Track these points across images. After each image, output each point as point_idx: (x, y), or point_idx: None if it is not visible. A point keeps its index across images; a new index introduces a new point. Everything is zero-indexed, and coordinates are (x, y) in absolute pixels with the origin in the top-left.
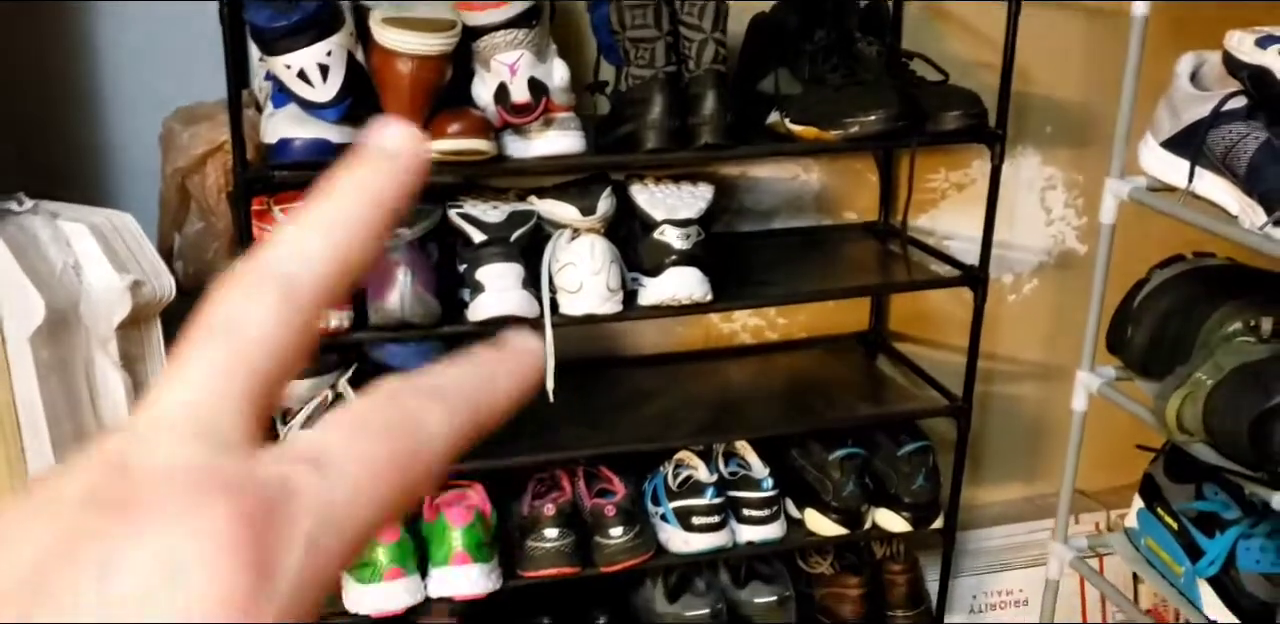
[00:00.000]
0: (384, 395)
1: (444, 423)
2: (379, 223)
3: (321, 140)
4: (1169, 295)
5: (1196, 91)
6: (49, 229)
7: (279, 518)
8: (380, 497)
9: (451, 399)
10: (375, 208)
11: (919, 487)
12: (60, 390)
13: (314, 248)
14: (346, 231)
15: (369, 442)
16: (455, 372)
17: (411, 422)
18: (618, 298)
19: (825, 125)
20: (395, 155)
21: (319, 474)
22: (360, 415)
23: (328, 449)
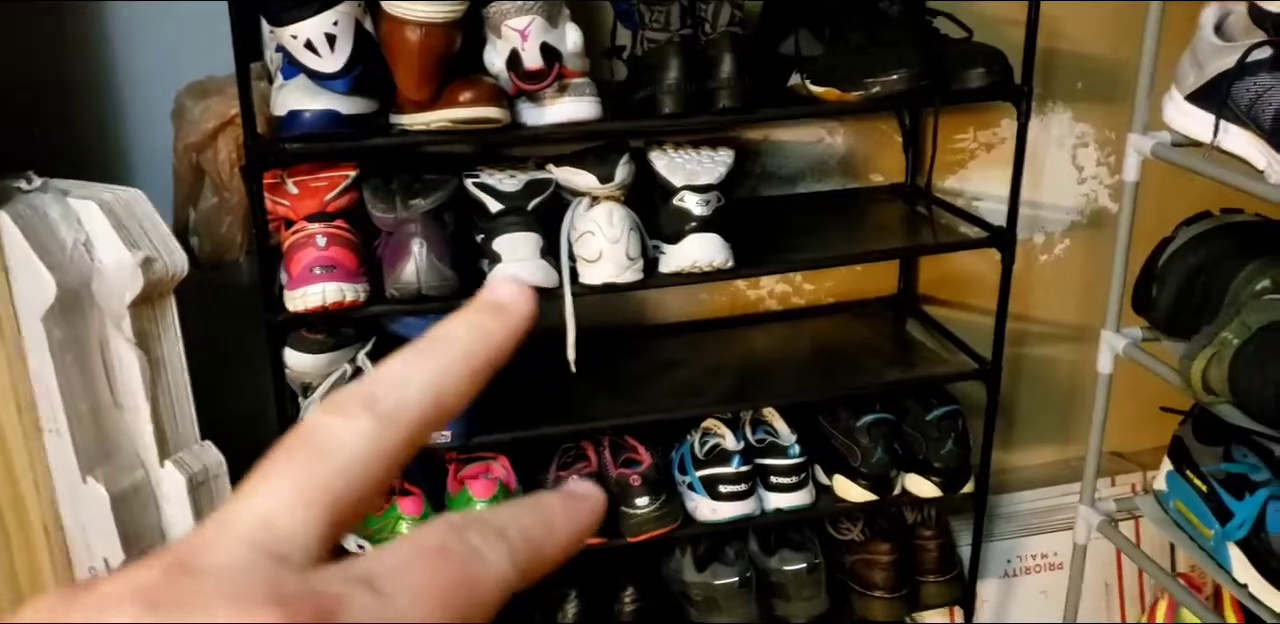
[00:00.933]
0: (447, 526)
1: (502, 560)
2: (478, 370)
3: (331, 111)
4: (1195, 253)
5: (1221, 42)
6: (59, 207)
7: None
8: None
9: (512, 538)
10: (476, 356)
11: (949, 451)
12: (75, 369)
13: (415, 384)
14: (447, 373)
15: (426, 569)
16: (518, 512)
17: (471, 555)
18: (638, 266)
19: (846, 86)
20: (504, 308)
21: (373, 596)
22: (421, 543)
23: (385, 572)
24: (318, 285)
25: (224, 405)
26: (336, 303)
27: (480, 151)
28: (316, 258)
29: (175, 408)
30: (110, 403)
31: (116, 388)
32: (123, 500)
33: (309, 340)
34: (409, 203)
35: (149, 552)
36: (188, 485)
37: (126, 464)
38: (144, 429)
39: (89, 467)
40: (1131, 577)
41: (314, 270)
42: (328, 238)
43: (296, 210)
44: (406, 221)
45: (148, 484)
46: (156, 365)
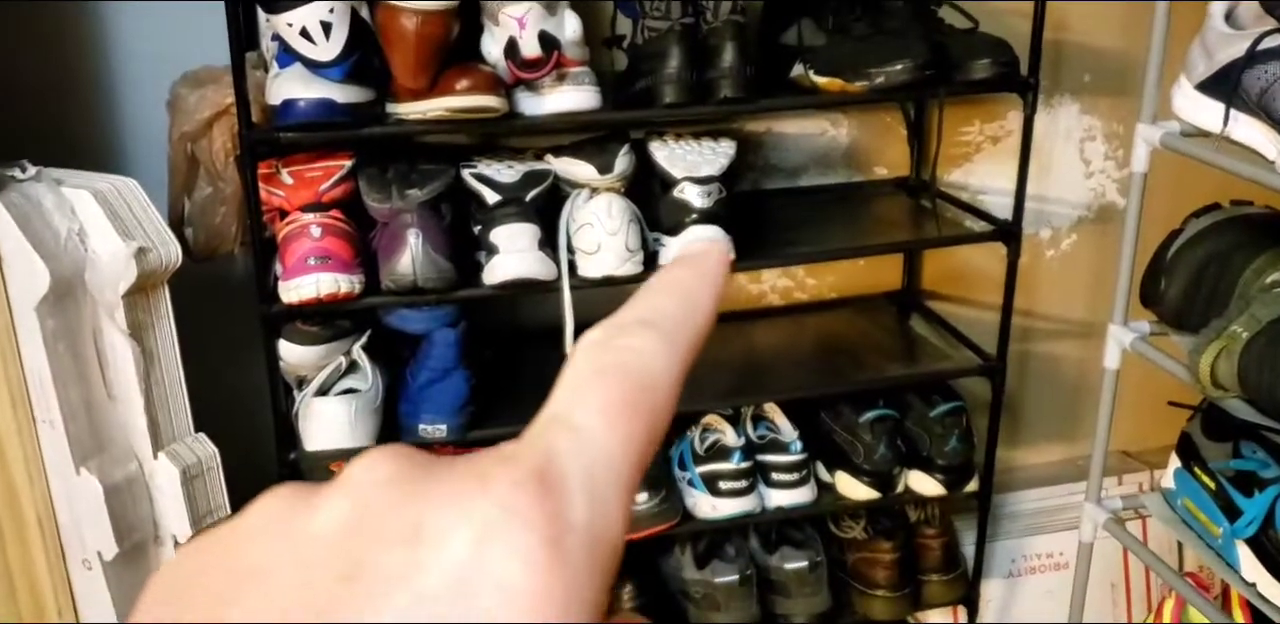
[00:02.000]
0: (591, 345)
1: (659, 347)
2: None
3: (327, 100)
4: (1204, 245)
5: (1231, 31)
6: (53, 196)
7: (552, 478)
8: (631, 433)
9: (658, 322)
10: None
11: (952, 448)
12: (69, 359)
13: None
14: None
15: (599, 390)
16: (649, 296)
17: (629, 357)
18: (638, 258)
19: (850, 76)
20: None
21: (569, 431)
22: (579, 370)
23: (566, 409)
24: (312, 276)
25: (218, 397)
26: (331, 294)
27: (478, 142)
28: (311, 248)
29: (169, 400)
30: (104, 394)
31: (110, 379)
32: (116, 492)
33: (304, 332)
34: (405, 193)
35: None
36: (181, 477)
37: (120, 456)
38: (137, 421)
39: (82, 458)
40: (1138, 577)
41: (309, 261)
42: (323, 228)
43: (291, 200)
44: (402, 212)
45: (141, 476)
46: (150, 357)
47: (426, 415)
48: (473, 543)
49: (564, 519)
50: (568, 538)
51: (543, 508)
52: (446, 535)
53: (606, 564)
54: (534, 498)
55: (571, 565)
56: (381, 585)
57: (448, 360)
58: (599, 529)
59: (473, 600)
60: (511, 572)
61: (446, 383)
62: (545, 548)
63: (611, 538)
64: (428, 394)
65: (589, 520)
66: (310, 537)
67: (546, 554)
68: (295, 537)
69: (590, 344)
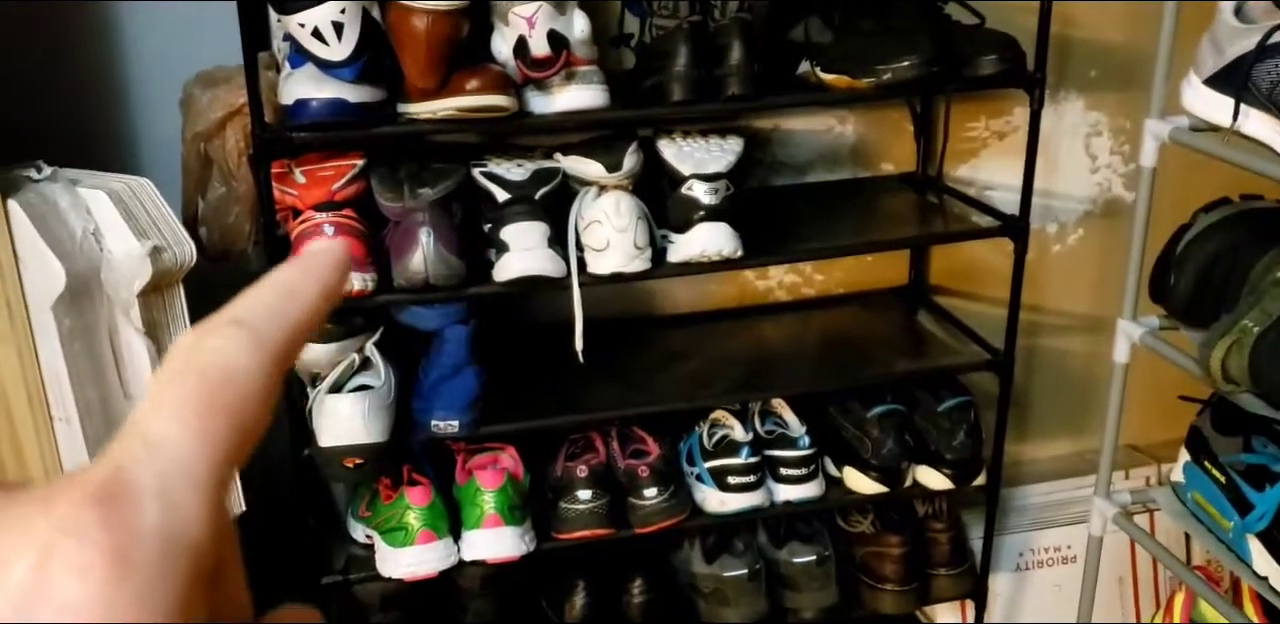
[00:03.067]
0: (176, 349)
1: (244, 345)
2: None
3: (339, 100)
4: (1214, 239)
5: (1241, 25)
6: (68, 196)
7: (115, 490)
8: (208, 431)
9: (248, 319)
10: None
11: (960, 443)
12: (85, 357)
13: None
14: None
15: (173, 393)
16: (251, 293)
17: (209, 358)
18: (646, 255)
19: (857, 73)
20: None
21: (141, 441)
22: (159, 378)
23: (142, 417)
24: None
25: None
26: (344, 292)
27: (488, 141)
28: None
29: None
30: (120, 393)
31: (125, 377)
32: None
33: None
34: (416, 192)
35: None
36: None
37: None
38: None
39: (98, 455)
40: (1146, 571)
41: None
42: (335, 227)
43: (304, 199)
44: (414, 211)
45: None
46: (165, 354)
47: (439, 411)
48: (33, 567)
49: (128, 528)
50: (134, 545)
51: (103, 521)
52: (10, 563)
53: (189, 563)
54: (94, 513)
55: (140, 572)
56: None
57: (459, 357)
58: (175, 532)
59: (33, 619)
60: (70, 588)
61: (458, 379)
62: (106, 560)
63: (192, 537)
64: (440, 390)
65: (161, 525)
66: None
67: (107, 566)
68: None
69: (174, 349)
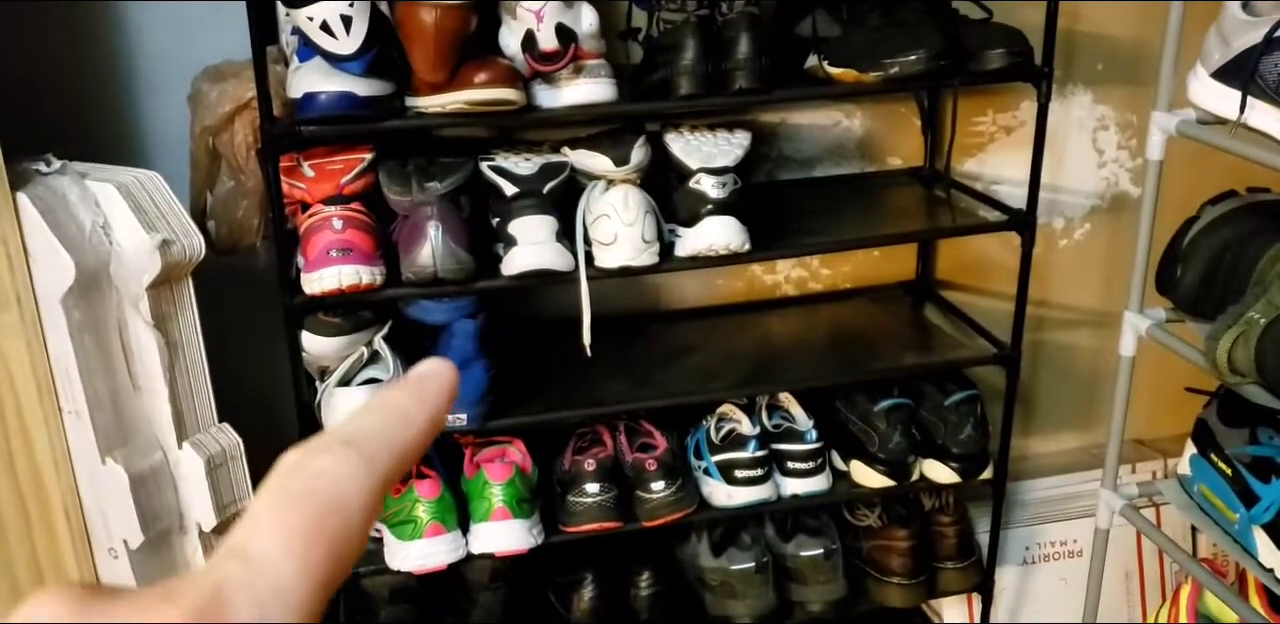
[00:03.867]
0: (285, 468)
1: (356, 470)
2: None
3: (347, 93)
4: (1221, 232)
5: (1248, 17)
6: (78, 189)
7: (214, 612)
8: (310, 559)
9: (360, 443)
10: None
11: (967, 437)
12: (94, 350)
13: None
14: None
15: (281, 516)
16: (363, 415)
17: (320, 483)
18: (654, 249)
19: (864, 67)
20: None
21: (242, 561)
22: (266, 496)
23: (245, 538)
24: (334, 268)
25: (241, 388)
26: (353, 286)
27: (496, 135)
28: (333, 241)
29: (193, 390)
30: (129, 385)
31: (135, 370)
32: (141, 482)
33: (326, 323)
34: (425, 186)
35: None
36: (205, 467)
37: (145, 446)
38: (162, 411)
39: (108, 448)
40: (1152, 565)
41: (330, 253)
42: (344, 221)
43: (313, 193)
44: (422, 204)
45: (166, 466)
46: (174, 348)
47: None
48: None
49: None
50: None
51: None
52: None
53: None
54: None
55: None
56: None
57: (467, 351)
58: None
59: None
60: None
61: (467, 373)
62: None
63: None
64: None
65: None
66: None
67: None
68: None
69: (283, 468)
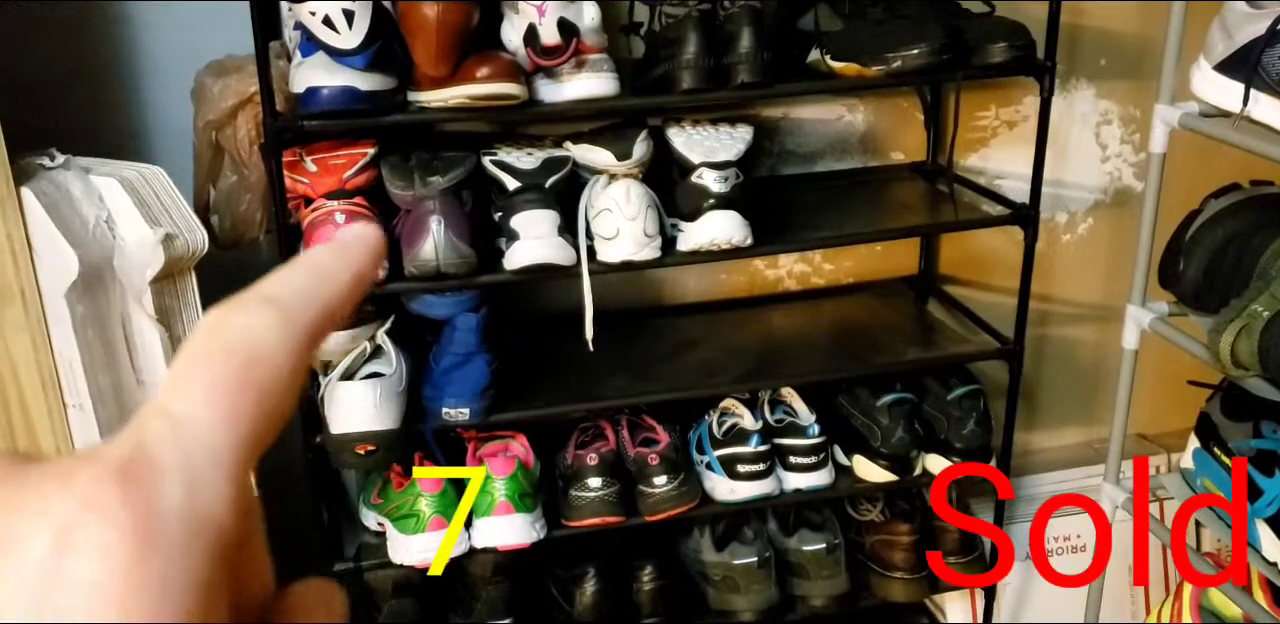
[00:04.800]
0: (204, 326)
1: (275, 323)
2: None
3: (350, 88)
4: (1224, 225)
5: (1251, 9)
6: (81, 184)
7: (138, 469)
8: (235, 412)
9: (280, 297)
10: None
11: (970, 431)
12: (98, 344)
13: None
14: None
15: (200, 372)
16: (284, 272)
17: (237, 336)
18: (655, 244)
19: (866, 61)
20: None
21: (165, 418)
22: (185, 354)
23: (167, 396)
24: None
25: None
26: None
27: (498, 130)
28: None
29: None
30: (133, 379)
31: (138, 364)
32: None
33: None
34: (427, 180)
35: None
36: None
37: None
38: None
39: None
40: (1156, 559)
41: None
42: (346, 215)
43: (315, 188)
44: (424, 199)
45: None
46: (178, 342)
47: (450, 399)
48: (51, 545)
49: (151, 509)
50: (156, 525)
51: (125, 500)
52: (26, 540)
53: (214, 544)
54: (115, 491)
55: (163, 551)
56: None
57: (470, 345)
58: (198, 512)
59: (52, 602)
60: (90, 569)
61: (469, 367)
62: (127, 540)
63: (215, 517)
64: (451, 378)
65: (185, 506)
66: None
67: (129, 546)
68: None
69: (202, 326)
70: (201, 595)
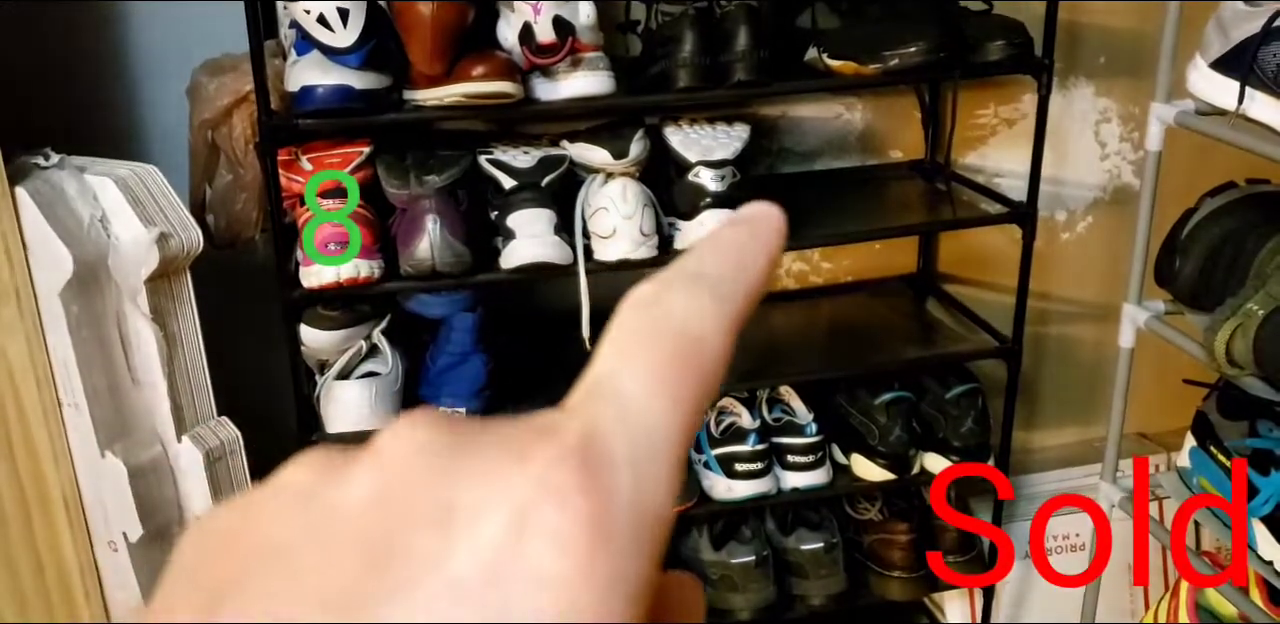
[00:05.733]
0: (639, 301)
1: (710, 306)
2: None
3: (344, 87)
4: (1220, 223)
5: (1247, 7)
6: (76, 183)
7: (594, 453)
8: (679, 397)
9: (709, 278)
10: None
11: (968, 430)
12: (93, 344)
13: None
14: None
15: (645, 351)
16: (698, 251)
17: (678, 315)
18: (652, 242)
19: (864, 59)
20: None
21: (613, 398)
22: (624, 329)
23: (610, 373)
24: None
25: (241, 381)
26: (351, 279)
27: (494, 128)
28: (331, 234)
29: (192, 383)
30: (128, 378)
31: (134, 363)
32: (140, 475)
33: (324, 317)
34: (423, 179)
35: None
36: (205, 460)
37: (144, 439)
38: (161, 404)
39: (107, 441)
40: (1155, 558)
41: (329, 247)
42: None
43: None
44: (420, 198)
45: (165, 459)
46: (173, 341)
47: (446, 398)
48: (507, 526)
49: (606, 497)
50: (611, 517)
51: (583, 486)
52: (480, 517)
53: (656, 538)
54: (574, 476)
55: (615, 545)
56: (409, 570)
57: (466, 345)
58: (646, 504)
59: (506, 587)
60: (548, 557)
61: (465, 367)
62: (585, 530)
63: (659, 510)
64: (447, 378)
65: (634, 496)
66: (336, 513)
67: (587, 537)
68: (320, 512)
69: (637, 301)
70: (641, 595)
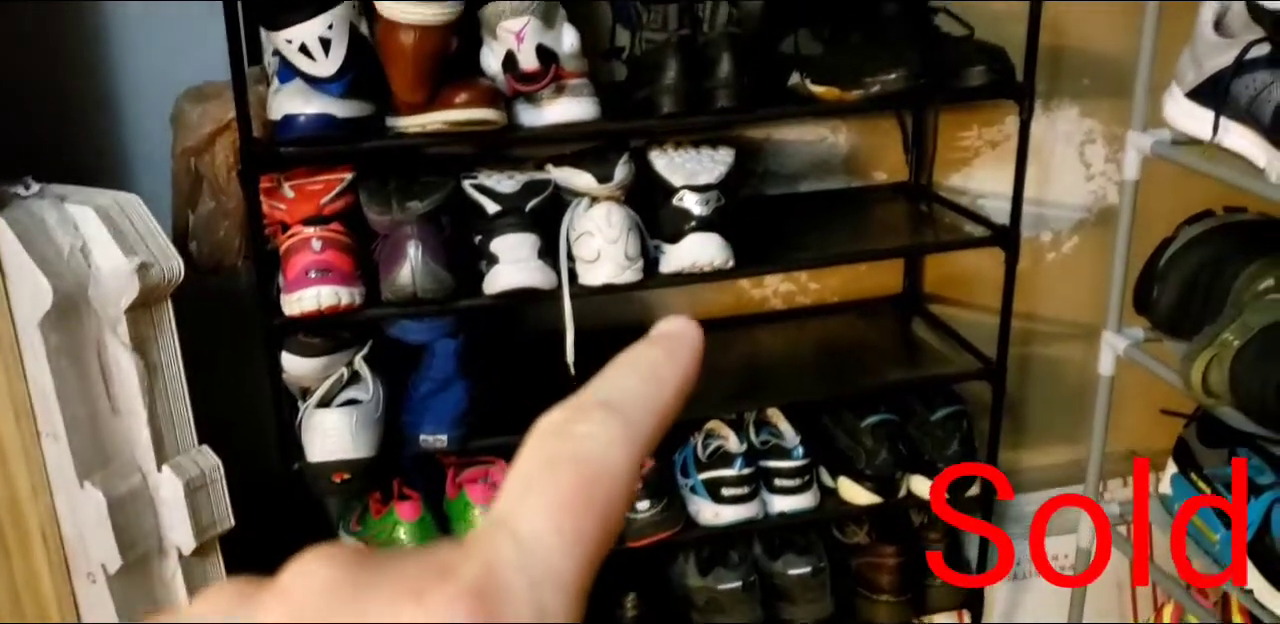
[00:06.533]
0: (545, 432)
1: (618, 434)
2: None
3: (326, 115)
4: (1197, 252)
5: (1220, 39)
6: (56, 212)
7: (490, 592)
8: (580, 532)
9: (620, 404)
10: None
11: (954, 452)
12: (72, 374)
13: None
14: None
15: (547, 486)
16: (617, 375)
17: (584, 447)
18: (637, 266)
19: (846, 85)
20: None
21: (512, 538)
22: (528, 463)
23: (511, 511)
24: (313, 289)
25: (221, 410)
26: (332, 306)
27: (479, 153)
28: (311, 261)
29: (172, 412)
30: (108, 408)
31: (114, 393)
32: (120, 505)
33: (306, 344)
34: (405, 205)
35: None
36: (185, 489)
37: (124, 469)
38: (141, 434)
39: (86, 471)
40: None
41: (309, 274)
42: (323, 241)
43: (293, 214)
44: (402, 224)
45: (145, 489)
46: (154, 370)
47: (428, 426)
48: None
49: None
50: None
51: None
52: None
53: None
54: (469, 614)
55: None
56: None
57: (448, 371)
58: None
59: None
60: None
61: (447, 393)
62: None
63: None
64: (429, 404)
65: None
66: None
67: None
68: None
69: (544, 430)
70: None
